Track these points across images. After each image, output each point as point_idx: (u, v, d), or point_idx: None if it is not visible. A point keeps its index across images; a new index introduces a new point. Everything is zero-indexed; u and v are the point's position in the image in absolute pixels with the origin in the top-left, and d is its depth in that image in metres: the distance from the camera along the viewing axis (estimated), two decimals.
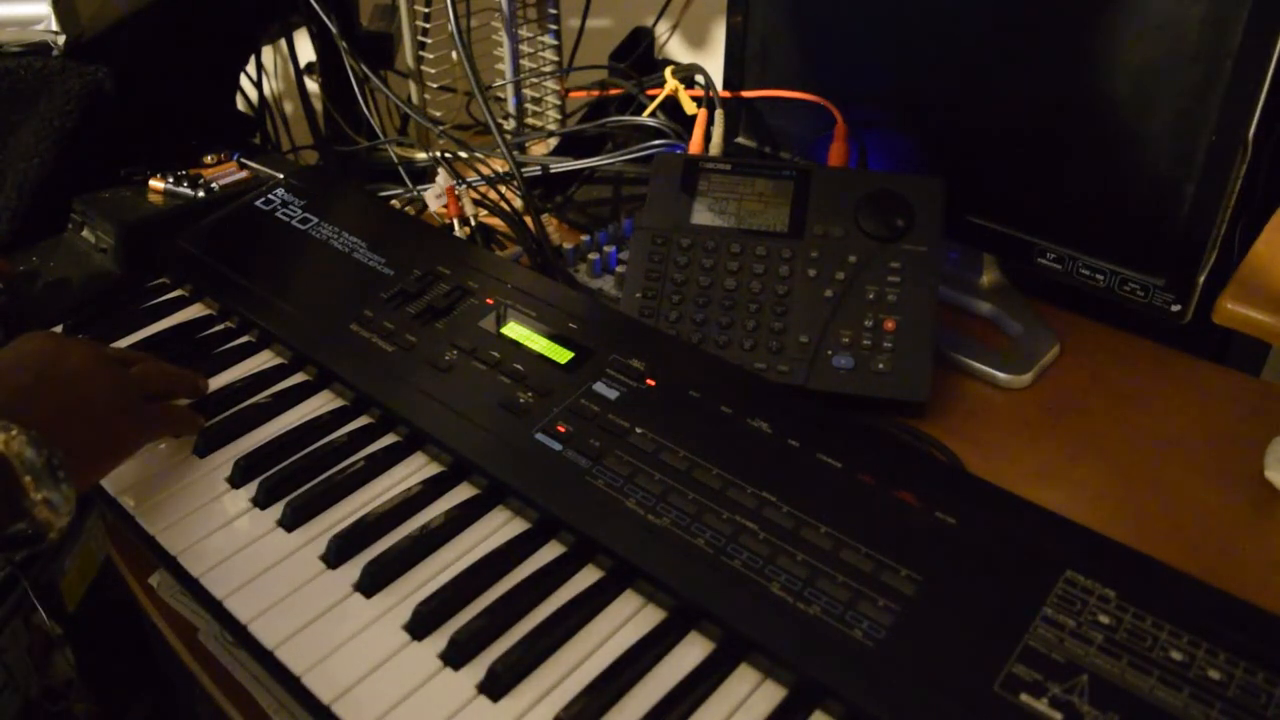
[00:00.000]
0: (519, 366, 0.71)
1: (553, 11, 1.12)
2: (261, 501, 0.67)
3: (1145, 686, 0.50)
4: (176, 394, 0.75)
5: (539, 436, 0.66)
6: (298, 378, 0.78)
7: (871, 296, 0.79)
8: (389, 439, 0.72)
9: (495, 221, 0.99)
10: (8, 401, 0.61)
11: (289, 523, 0.65)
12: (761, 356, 0.78)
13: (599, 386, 0.69)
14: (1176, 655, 0.51)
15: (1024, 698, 0.50)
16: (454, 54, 1.08)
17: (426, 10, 1.12)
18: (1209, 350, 0.86)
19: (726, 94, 0.98)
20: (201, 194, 0.95)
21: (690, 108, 0.99)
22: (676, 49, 1.31)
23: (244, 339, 0.83)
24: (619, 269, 0.91)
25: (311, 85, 1.24)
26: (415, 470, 0.69)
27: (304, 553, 0.63)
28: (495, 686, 0.54)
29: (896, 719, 0.50)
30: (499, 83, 1.16)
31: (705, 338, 0.80)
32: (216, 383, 0.78)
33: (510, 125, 1.18)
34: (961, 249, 0.92)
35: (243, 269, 0.86)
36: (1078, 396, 0.82)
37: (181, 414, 0.73)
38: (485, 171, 1.00)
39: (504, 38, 1.12)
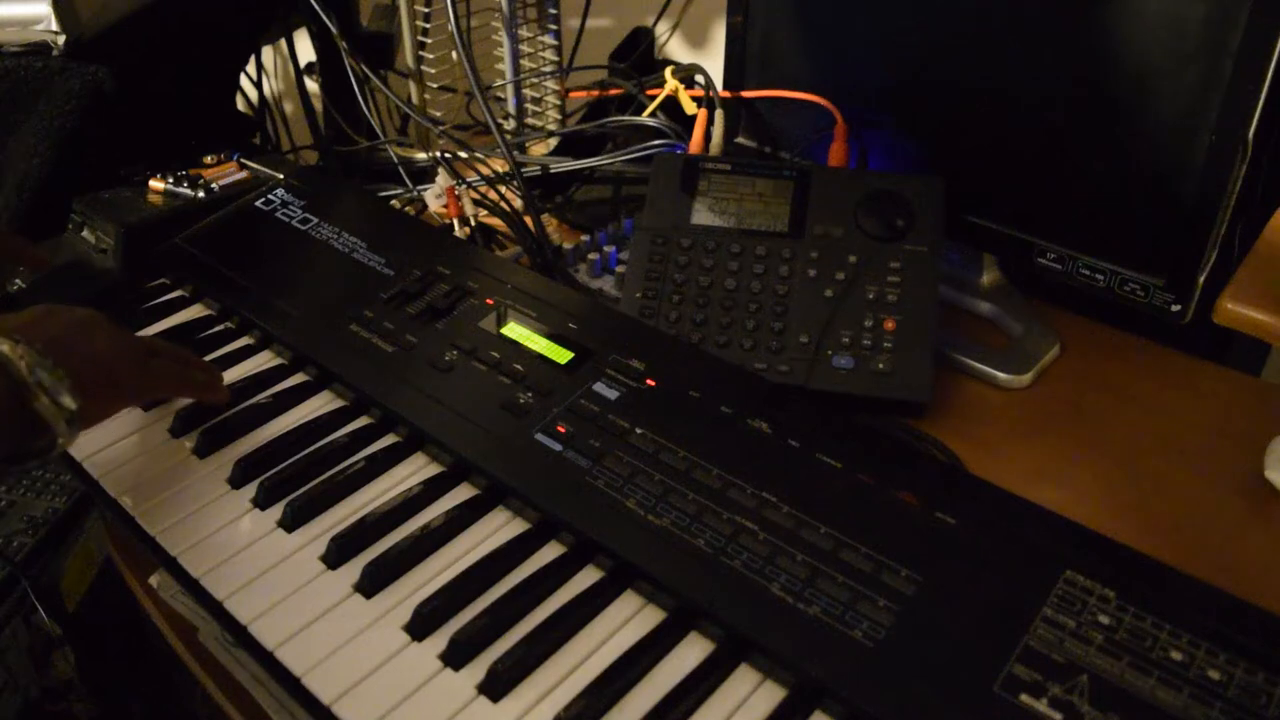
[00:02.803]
0: (519, 367, 0.71)
1: (553, 11, 1.12)
2: (262, 502, 0.67)
3: (1145, 687, 0.50)
4: (194, 390, 0.74)
5: (539, 437, 0.66)
6: (298, 378, 0.78)
7: (871, 296, 0.79)
8: (389, 439, 0.72)
9: (495, 221, 0.99)
10: (15, 326, 0.62)
11: (289, 523, 0.65)
12: (761, 356, 0.78)
13: (599, 387, 0.69)
14: (1176, 655, 0.51)
15: (1024, 698, 0.50)
16: (454, 54, 1.08)
17: (426, 10, 1.12)
18: (1209, 350, 0.86)
19: (726, 94, 0.98)
20: (201, 194, 0.95)
21: (690, 108, 0.99)
22: (676, 49, 1.31)
23: (244, 339, 0.83)
24: (619, 269, 0.91)
25: (311, 85, 1.24)
26: (415, 471, 0.69)
27: (304, 553, 0.63)
28: (495, 687, 0.54)
29: (896, 719, 0.51)
30: (499, 83, 1.16)
31: (705, 338, 0.80)
32: None
33: (510, 125, 1.18)
34: (961, 249, 0.92)
35: (243, 269, 0.86)
36: (1078, 396, 0.82)
37: (196, 375, 0.73)
38: (485, 171, 1.00)
39: (504, 38, 1.12)
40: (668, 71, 1.01)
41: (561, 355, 0.72)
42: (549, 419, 0.67)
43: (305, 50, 1.22)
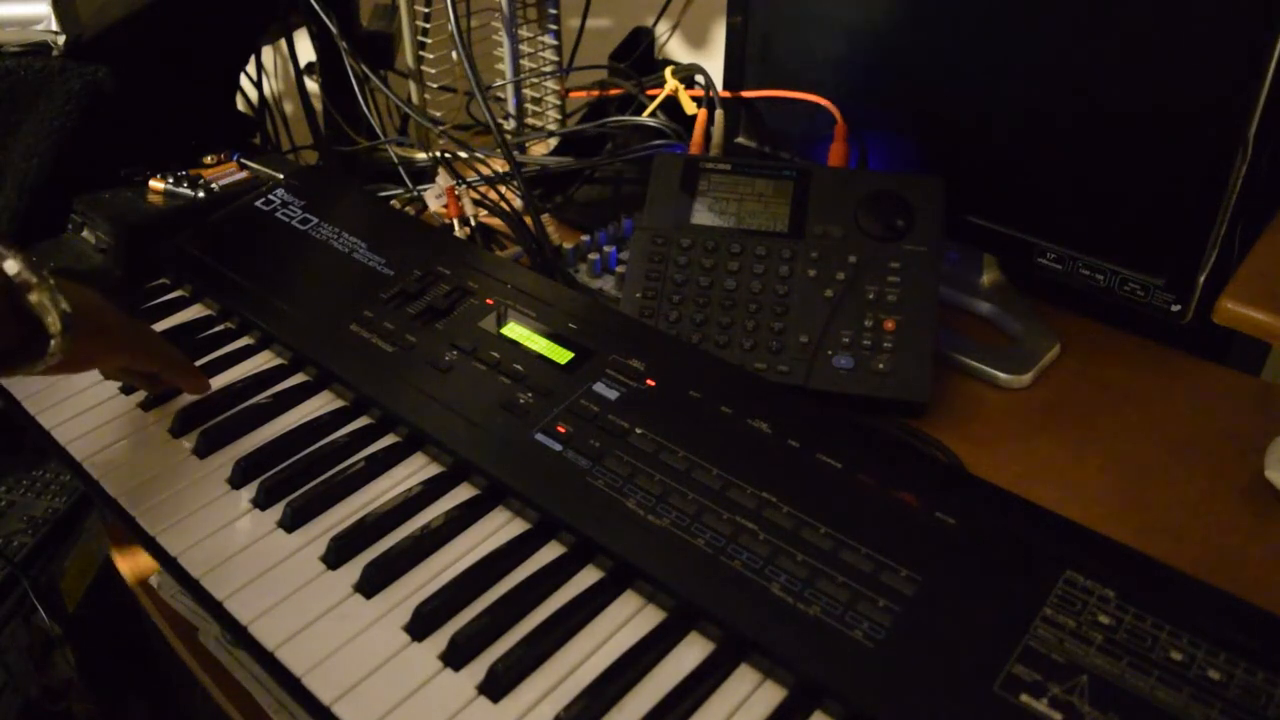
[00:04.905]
0: (519, 367, 0.71)
1: (553, 11, 1.12)
2: (262, 502, 0.67)
3: (1145, 687, 0.50)
4: (174, 367, 0.74)
5: (539, 437, 0.66)
6: (298, 378, 0.78)
7: (871, 296, 0.79)
8: (389, 439, 0.72)
9: (495, 221, 0.99)
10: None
11: (289, 524, 0.65)
12: (761, 356, 0.78)
13: (599, 387, 0.69)
14: (1176, 655, 0.51)
15: (1024, 698, 0.50)
16: (454, 54, 1.08)
17: (426, 10, 1.12)
18: (1209, 350, 0.86)
19: (726, 94, 0.98)
20: (201, 194, 0.95)
21: (690, 108, 0.99)
22: (676, 49, 1.31)
23: (244, 340, 0.83)
24: (619, 269, 0.91)
25: (311, 85, 1.24)
26: (415, 471, 0.69)
27: (304, 554, 0.63)
28: (495, 687, 0.54)
29: (896, 719, 0.51)
30: (499, 83, 1.16)
31: (705, 338, 0.80)
32: (216, 384, 0.77)
33: (510, 125, 1.18)
34: (961, 249, 0.92)
35: (243, 269, 0.86)
36: (1078, 396, 0.82)
37: (187, 366, 0.74)
38: (485, 171, 1.00)
39: (504, 38, 1.13)
40: (668, 71, 1.01)
41: (561, 355, 0.72)
42: (549, 419, 0.67)
43: (305, 50, 1.22)
